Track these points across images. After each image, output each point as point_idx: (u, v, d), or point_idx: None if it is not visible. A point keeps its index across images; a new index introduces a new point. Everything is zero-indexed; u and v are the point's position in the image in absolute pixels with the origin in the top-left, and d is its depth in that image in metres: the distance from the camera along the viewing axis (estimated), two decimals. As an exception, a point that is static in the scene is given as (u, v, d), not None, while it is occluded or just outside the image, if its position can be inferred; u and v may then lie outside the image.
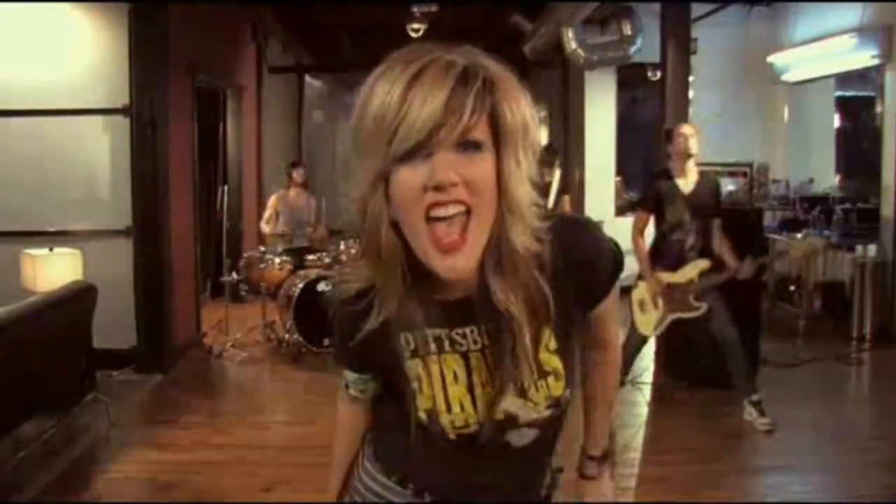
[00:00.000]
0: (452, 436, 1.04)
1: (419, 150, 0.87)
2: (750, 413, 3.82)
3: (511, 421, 1.04)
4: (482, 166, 0.89)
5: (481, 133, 0.88)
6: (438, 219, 0.89)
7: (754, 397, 3.83)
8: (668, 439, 3.76)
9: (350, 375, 1.17)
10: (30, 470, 3.27)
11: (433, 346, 1.03)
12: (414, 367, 1.04)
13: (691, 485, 3.21)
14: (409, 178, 0.88)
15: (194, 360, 5.26)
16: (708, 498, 3.10)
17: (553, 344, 1.03)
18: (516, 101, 0.90)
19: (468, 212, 0.89)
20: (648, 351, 4.39)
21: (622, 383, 4.16)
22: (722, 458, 3.53)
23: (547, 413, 1.05)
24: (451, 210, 0.88)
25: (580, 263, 1.04)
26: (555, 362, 1.03)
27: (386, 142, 0.87)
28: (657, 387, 4.49)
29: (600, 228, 1.09)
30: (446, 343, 1.03)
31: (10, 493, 3.09)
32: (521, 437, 1.07)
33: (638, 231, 3.93)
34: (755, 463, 3.60)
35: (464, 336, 1.03)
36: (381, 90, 0.87)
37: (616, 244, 1.11)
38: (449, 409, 1.03)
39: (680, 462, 3.44)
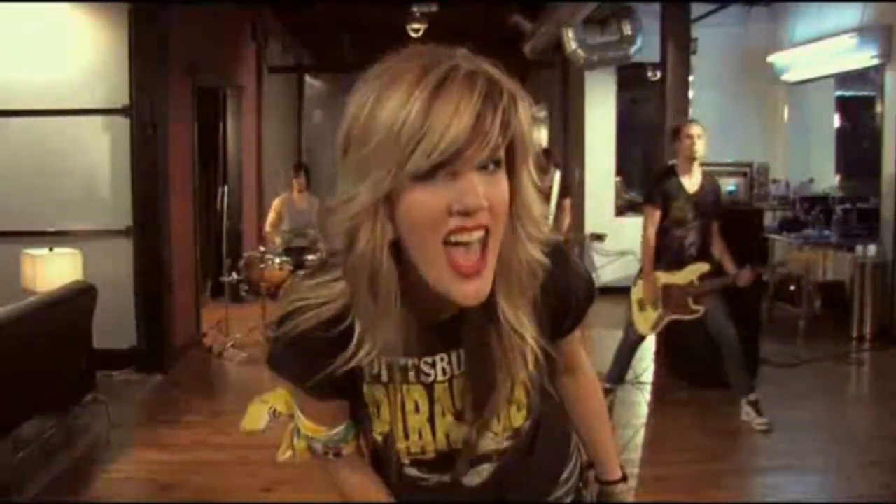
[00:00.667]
0: (407, 461, 1.02)
1: (441, 170, 0.79)
2: (747, 413, 3.81)
3: (469, 450, 1.00)
4: (502, 186, 0.83)
5: (501, 151, 0.83)
6: (458, 244, 0.82)
7: (752, 397, 3.83)
8: (668, 439, 3.76)
9: (328, 435, 1.03)
10: (30, 470, 3.27)
11: (398, 376, 0.97)
12: (373, 392, 0.98)
13: (691, 485, 3.21)
14: (428, 199, 0.79)
15: (194, 360, 5.26)
16: (708, 498, 3.10)
17: (522, 374, 0.98)
18: (525, 113, 0.85)
19: (486, 233, 0.83)
20: (648, 351, 4.39)
21: (622, 381, 4.16)
22: (722, 458, 3.54)
23: (506, 444, 1.02)
24: (475, 235, 0.81)
25: (563, 292, 1.01)
26: (520, 392, 1.00)
27: (400, 157, 0.78)
28: (657, 387, 4.49)
29: (575, 256, 1.08)
30: (411, 374, 0.97)
31: (10, 493, 3.09)
32: (477, 476, 1.04)
33: (649, 227, 3.87)
34: (755, 463, 3.60)
35: (432, 365, 0.97)
36: (396, 99, 0.79)
37: (591, 275, 1.09)
38: (406, 436, 0.99)
39: (680, 462, 3.45)
